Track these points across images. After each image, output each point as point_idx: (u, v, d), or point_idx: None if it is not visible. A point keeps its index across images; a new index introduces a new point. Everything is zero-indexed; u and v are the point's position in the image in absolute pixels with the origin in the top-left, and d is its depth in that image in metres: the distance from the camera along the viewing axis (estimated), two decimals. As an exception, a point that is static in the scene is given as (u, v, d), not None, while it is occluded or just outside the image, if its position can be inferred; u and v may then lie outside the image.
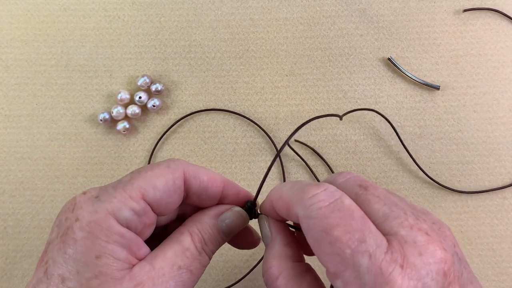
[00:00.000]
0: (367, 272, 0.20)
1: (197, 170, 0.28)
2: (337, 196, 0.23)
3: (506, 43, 0.47)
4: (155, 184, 0.26)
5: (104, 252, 0.24)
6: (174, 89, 0.47)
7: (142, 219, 0.26)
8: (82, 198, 0.25)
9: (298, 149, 0.45)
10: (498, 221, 0.44)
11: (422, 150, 0.45)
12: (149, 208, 0.26)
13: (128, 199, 0.25)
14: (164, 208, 0.27)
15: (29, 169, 0.45)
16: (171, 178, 0.27)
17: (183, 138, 0.46)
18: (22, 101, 0.46)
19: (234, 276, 0.43)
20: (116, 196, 0.25)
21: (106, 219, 0.24)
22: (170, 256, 0.25)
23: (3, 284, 0.43)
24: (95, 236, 0.24)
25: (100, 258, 0.23)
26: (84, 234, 0.24)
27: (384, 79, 0.47)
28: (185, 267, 0.25)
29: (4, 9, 0.48)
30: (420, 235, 0.22)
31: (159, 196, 0.26)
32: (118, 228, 0.24)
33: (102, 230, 0.24)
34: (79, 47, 0.47)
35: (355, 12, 0.48)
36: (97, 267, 0.23)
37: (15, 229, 0.44)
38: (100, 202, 0.25)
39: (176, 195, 0.27)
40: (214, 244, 0.28)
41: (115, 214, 0.24)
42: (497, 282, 0.43)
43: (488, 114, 0.46)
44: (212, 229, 0.28)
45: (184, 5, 0.48)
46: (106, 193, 0.25)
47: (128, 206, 0.25)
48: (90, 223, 0.24)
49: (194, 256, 0.26)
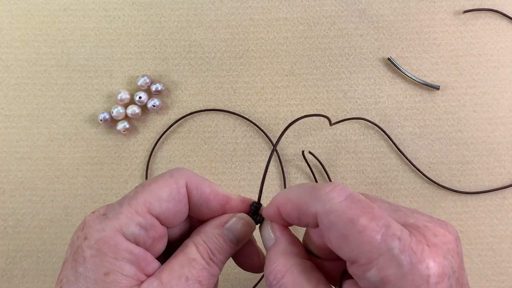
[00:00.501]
0: (401, 253, 0.21)
1: (200, 181, 0.28)
2: (350, 191, 0.23)
3: (506, 43, 0.47)
4: (159, 195, 0.26)
5: (113, 269, 0.24)
6: (174, 89, 0.47)
7: (150, 233, 0.26)
8: (91, 217, 0.26)
9: (295, 149, 0.45)
10: (498, 221, 0.44)
11: (422, 150, 0.45)
12: (156, 221, 0.26)
13: (134, 214, 0.25)
14: (172, 219, 0.27)
15: (29, 169, 0.45)
16: (175, 187, 0.27)
17: (183, 138, 0.46)
18: (22, 101, 0.46)
19: (234, 276, 0.43)
20: (122, 212, 0.25)
21: (114, 236, 0.24)
22: (176, 269, 0.25)
23: (3, 284, 0.43)
24: (103, 253, 0.24)
25: (108, 275, 0.24)
26: (93, 252, 0.24)
27: (384, 79, 0.47)
28: (193, 278, 0.25)
29: (4, 9, 0.48)
30: (426, 221, 0.23)
31: (165, 207, 0.26)
32: (126, 244, 0.25)
33: (110, 247, 0.24)
34: (79, 47, 0.47)
35: (355, 12, 0.48)
36: (106, 284, 0.24)
37: (15, 229, 0.44)
38: (108, 220, 0.25)
39: (182, 204, 0.27)
40: (222, 254, 0.27)
41: (123, 230, 0.25)
42: (497, 282, 0.43)
43: (488, 114, 0.46)
44: (217, 238, 0.27)
45: (184, 5, 0.48)
46: (113, 210, 0.26)
47: (135, 221, 0.25)
48: (98, 241, 0.24)
49: (201, 266, 0.26)
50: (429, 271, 0.21)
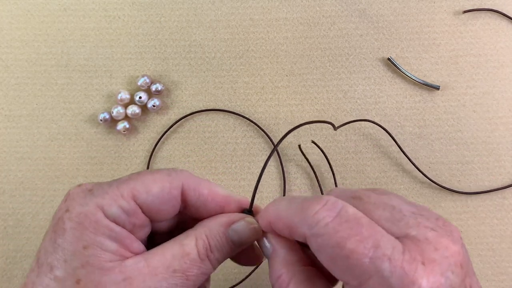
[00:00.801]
0: (391, 276, 0.20)
1: (199, 183, 0.28)
2: (340, 207, 0.22)
3: (506, 43, 0.47)
4: (149, 188, 0.26)
5: (92, 243, 0.24)
6: (174, 89, 0.47)
7: (131, 219, 0.25)
8: (76, 190, 0.26)
9: (295, 149, 0.45)
10: (498, 221, 0.44)
11: (421, 150, 0.45)
12: (139, 209, 0.26)
13: (119, 197, 0.25)
14: (156, 214, 0.27)
15: (29, 169, 0.45)
16: (168, 186, 0.26)
17: (183, 138, 0.46)
18: (22, 101, 0.46)
19: (234, 276, 0.43)
20: (108, 192, 0.25)
21: (95, 212, 0.24)
22: (168, 258, 0.25)
23: (3, 284, 0.43)
24: (84, 227, 0.24)
25: (87, 248, 0.24)
26: (73, 224, 0.24)
27: (384, 79, 0.47)
28: (181, 272, 0.25)
29: (4, 9, 0.48)
30: (429, 231, 0.22)
31: (151, 201, 0.26)
32: (106, 222, 0.25)
33: (91, 223, 0.24)
34: (79, 47, 0.47)
35: (355, 12, 0.48)
36: (84, 257, 0.24)
37: (15, 229, 0.44)
38: (92, 196, 0.25)
39: (169, 204, 0.27)
40: (220, 253, 0.27)
41: (104, 208, 0.25)
42: (497, 282, 0.43)
43: (487, 114, 0.46)
44: (221, 237, 0.27)
45: (184, 5, 0.48)
46: (100, 188, 0.26)
47: (118, 203, 0.25)
48: (79, 215, 0.24)
49: (193, 262, 0.25)
50: None
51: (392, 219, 0.23)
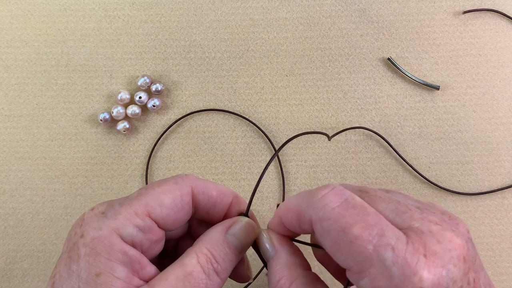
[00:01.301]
0: (393, 265, 0.20)
1: (206, 185, 0.28)
2: (347, 194, 0.23)
3: (506, 43, 0.47)
4: (162, 201, 0.26)
5: (105, 270, 0.24)
6: (174, 89, 0.47)
7: (147, 236, 0.25)
8: (89, 214, 0.25)
9: (295, 149, 0.45)
10: (498, 221, 0.44)
11: (422, 150, 0.45)
12: (155, 225, 0.26)
13: (133, 216, 0.25)
14: (172, 225, 0.27)
15: (29, 169, 0.45)
16: (179, 195, 0.26)
17: (183, 138, 0.46)
18: (22, 101, 0.46)
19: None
20: (121, 212, 0.25)
21: (110, 236, 0.24)
22: (171, 281, 0.24)
23: (3, 284, 0.43)
24: (97, 253, 0.24)
25: (99, 276, 0.24)
26: (87, 250, 0.24)
27: (384, 79, 0.47)
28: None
29: (4, 9, 0.48)
30: (433, 225, 0.22)
31: (166, 213, 0.26)
32: (121, 245, 0.24)
33: (105, 247, 0.24)
34: (79, 47, 0.47)
35: (355, 12, 0.48)
36: (96, 285, 0.23)
37: (15, 229, 0.44)
38: (106, 219, 0.25)
39: (183, 212, 0.27)
40: (226, 262, 0.26)
41: (119, 231, 0.24)
42: (497, 282, 0.43)
43: (488, 114, 0.46)
44: (222, 245, 0.26)
45: (184, 5, 0.48)
46: (112, 209, 0.25)
47: (133, 223, 0.25)
48: (93, 240, 0.24)
49: (198, 281, 0.25)
50: (421, 284, 0.20)
51: (397, 211, 0.23)
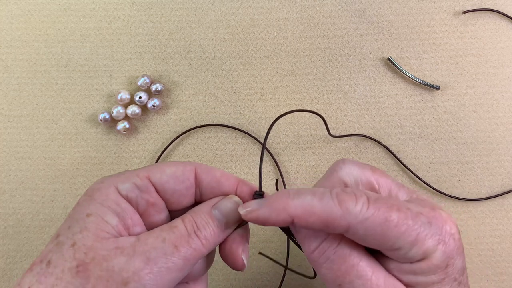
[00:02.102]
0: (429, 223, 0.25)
1: (211, 167, 0.29)
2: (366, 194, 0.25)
3: (506, 43, 0.47)
4: (163, 169, 0.28)
5: (95, 211, 0.25)
6: (174, 89, 0.47)
7: (144, 195, 0.27)
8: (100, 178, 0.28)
9: (295, 149, 0.45)
10: (498, 221, 0.44)
11: (422, 150, 0.45)
12: (152, 187, 0.27)
13: (133, 176, 0.27)
14: (171, 195, 0.28)
15: (29, 169, 0.45)
16: (181, 168, 0.28)
17: (183, 138, 0.46)
18: (22, 101, 0.46)
19: (234, 276, 0.43)
20: (125, 173, 0.27)
21: (108, 187, 0.26)
22: (156, 231, 0.26)
23: (3, 284, 0.43)
24: (93, 198, 0.26)
25: (89, 216, 0.25)
26: (85, 198, 0.26)
27: (384, 79, 0.47)
28: (170, 241, 0.25)
29: (4, 9, 0.48)
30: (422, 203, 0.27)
31: (165, 180, 0.27)
32: (115, 196, 0.26)
33: (100, 195, 0.26)
34: (79, 47, 0.47)
35: (355, 12, 0.48)
36: (84, 223, 0.25)
37: (15, 229, 0.44)
38: (110, 177, 0.27)
39: (184, 185, 0.28)
40: (208, 232, 0.27)
41: (117, 184, 0.27)
42: (497, 282, 0.43)
43: (488, 114, 0.46)
44: (205, 215, 0.27)
45: (184, 5, 0.48)
46: (119, 173, 0.28)
47: (132, 180, 0.27)
48: (93, 190, 0.26)
49: (181, 234, 0.26)
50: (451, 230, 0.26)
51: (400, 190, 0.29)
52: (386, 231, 0.24)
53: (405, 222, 0.25)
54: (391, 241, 0.25)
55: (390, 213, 0.25)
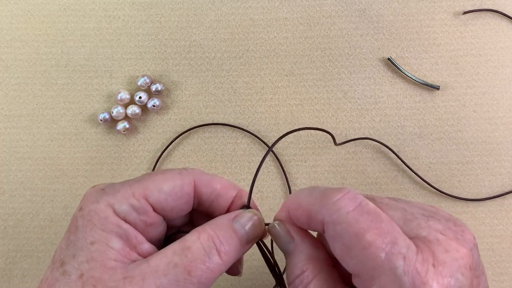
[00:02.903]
0: (405, 274, 0.20)
1: (210, 178, 0.28)
2: (361, 199, 0.22)
3: (506, 43, 0.47)
4: (161, 187, 0.26)
5: (99, 239, 0.24)
6: (174, 89, 0.47)
7: (142, 217, 0.26)
8: (90, 190, 0.27)
9: (295, 149, 0.45)
10: (498, 221, 0.44)
11: (422, 150, 0.45)
12: (150, 208, 0.26)
13: (130, 195, 0.26)
14: (169, 212, 0.27)
15: (29, 169, 0.45)
16: (180, 183, 0.27)
17: (183, 138, 0.46)
18: (22, 101, 0.46)
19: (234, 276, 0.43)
20: (120, 191, 0.26)
21: (105, 210, 0.25)
22: (168, 255, 0.24)
23: (3, 284, 0.43)
24: (93, 224, 0.25)
25: (93, 244, 0.24)
26: (84, 222, 0.25)
27: (384, 79, 0.47)
28: (182, 266, 0.24)
29: (4, 9, 0.48)
30: (439, 233, 0.22)
31: (163, 199, 0.26)
32: (115, 219, 0.25)
33: (100, 219, 0.25)
34: (79, 47, 0.47)
35: (355, 12, 0.48)
36: (90, 252, 0.24)
37: (15, 229, 0.44)
38: (104, 194, 0.26)
39: (182, 200, 0.27)
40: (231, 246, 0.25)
41: (114, 206, 0.25)
42: (497, 282, 0.43)
43: (488, 114, 0.46)
44: (227, 228, 0.26)
45: (184, 5, 0.48)
46: (112, 187, 0.26)
47: (128, 201, 0.25)
48: (90, 212, 0.25)
49: (195, 256, 0.24)
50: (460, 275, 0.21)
51: (404, 219, 0.23)
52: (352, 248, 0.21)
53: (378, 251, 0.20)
54: (353, 261, 0.21)
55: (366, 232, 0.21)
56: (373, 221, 0.21)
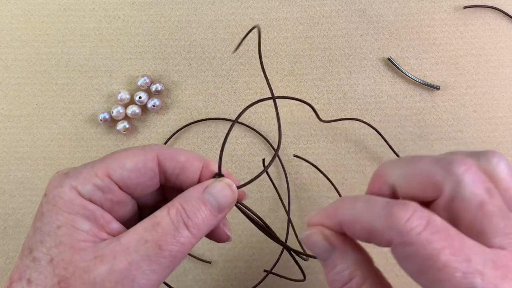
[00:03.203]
0: None
1: (174, 151, 0.28)
2: (429, 217, 0.21)
3: (506, 43, 0.47)
4: (123, 164, 0.26)
5: (65, 222, 0.24)
6: (174, 89, 0.47)
7: (107, 196, 0.26)
8: (54, 176, 0.26)
9: (295, 149, 0.45)
10: (498, 221, 0.44)
11: (422, 150, 0.45)
12: (115, 186, 0.26)
13: (93, 176, 0.25)
14: (135, 189, 0.27)
15: (29, 169, 0.45)
16: (142, 159, 0.26)
17: (183, 138, 0.46)
18: (22, 101, 0.46)
19: (235, 276, 0.43)
20: (82, 172, 0.26)
21: (69, 192, 0.25)
22: (139, 232, 0.24)
23: (3, 284, 0.43)
24: (58, 207, 0.25)
25: (60, 228, 0.24)
26: (49, 207, 0.25)
27: (384, 79, 0.47)
28: (153, 241, 0.24)
29: (4, 9, 0.48)
30: None
31: (127, 176, 0.26)
32: (80, 200, 0.25)
33: (65, 203, 0.25)
34: (79, 47, 0.47)
35: (355, 12, 0.48)
36: (58, 236, 0.24)
37: (15, 229, 0.44)
38: (67, 178, 0.26)
39: (147, 176, 0.27)
40: (199, 219, 0.25)
41: (78, 188, 0.25)
42: (497, 282, 0.43)
43: (488, 114, 0.46)
44: (196, 201, 0.26)
45: (184, 5, 0.48)
46: (75, 170, 0.26)
47: (92, 181, 0.25)
48: (54, 197, 0.25)
49: (165, 231, 0.24)
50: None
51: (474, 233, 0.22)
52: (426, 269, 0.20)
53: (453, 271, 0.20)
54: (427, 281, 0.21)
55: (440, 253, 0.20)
56: (444, 239, 0.20)
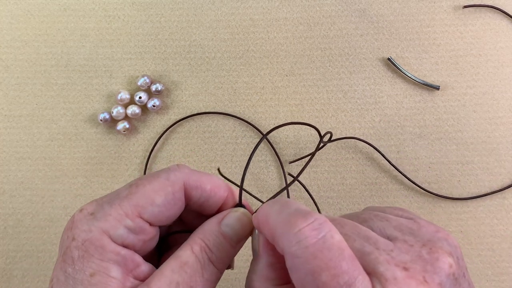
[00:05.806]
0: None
1: (200, 179, 0.27)
2: (326, 231, 0.21)
3: (506, 43, 0.47)
4: (153, 200, 0.25)
5: (98, 270, 0.24)
6: (174, 89, 0.47)
7: (139, 237, 0.25)
8: (79, 216, 0.25)
9: (295, 149, 0.45)
10: (498, 221, 0.44)
11: (422, 150, 0.45)
12: (146, 225, 0.25)
13: (123, 217, 0.25)
14: (165, 221, 0.26)
15: (29, 169, 0.45)
16: (171, 191, 0.26)
17: (183, 138, 0.46)
18: (22, 101, 0.46)
19: (234, 276, 0.43)
20: (111, 213, 0.25)
21: (101, 238, 0.24)
22: (167, 275, 0.24)
23: (3, 284, 0.43)
24: (90, 254, 0.24)
25: (94, 276, 0.24)
26: (80, 253, 0.24)
27: (384, 79, 0.47)
28: (184, 283, 0.24)
29: (4, 9, 0.48)
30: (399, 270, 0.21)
31: (158, 211, 0.25)
32: (113, 246, 0.24)
33: (97, 249, 0.24)
34: (79, 47, 0.47)
35: (355, 12, 0.48)
36: (91, 285, 0.23)
37: (15, 229, 0.44)
38: (95, 220, 0.24)
39: (176, 207, 0.26)
40: (221, 252, 0.25)
41: (109, 232, 0.24)
42: (497, 282, 0.43)
43: (488, 114, 0.46)
44: (216, 235, 0.26)
45: (184, 5, 0.48)
46: (102, 210, 0.25)
47: (123, 224, 0.24)
48: (85, 242, 0.24)
49: (194, 270, 0.24)
50: None
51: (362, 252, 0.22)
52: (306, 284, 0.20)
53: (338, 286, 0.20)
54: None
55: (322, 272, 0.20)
56: (332, 259, 0.20)
